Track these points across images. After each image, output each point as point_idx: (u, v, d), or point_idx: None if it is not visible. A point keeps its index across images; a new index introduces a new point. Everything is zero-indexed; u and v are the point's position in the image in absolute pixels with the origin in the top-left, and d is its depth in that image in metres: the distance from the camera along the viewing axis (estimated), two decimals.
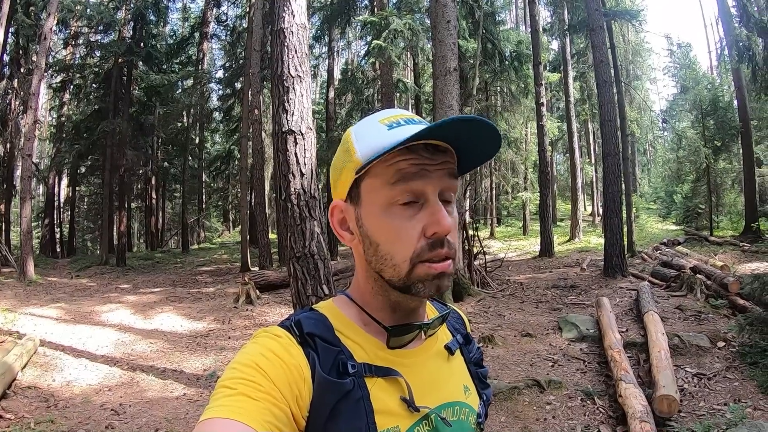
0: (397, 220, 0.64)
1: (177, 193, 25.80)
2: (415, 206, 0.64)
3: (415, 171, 0.63)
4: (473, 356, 0.83)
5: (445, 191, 0.65)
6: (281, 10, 4.05)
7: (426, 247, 0.63)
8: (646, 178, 34.19)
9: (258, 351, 0.61)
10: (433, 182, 0.64)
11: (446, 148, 0.65)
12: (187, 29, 23.60)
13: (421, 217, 0.63)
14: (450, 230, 0.64)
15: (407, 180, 0.63)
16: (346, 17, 16.27)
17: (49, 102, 25.14)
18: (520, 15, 29.44)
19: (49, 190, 22.23)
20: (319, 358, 0.63)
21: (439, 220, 0.63)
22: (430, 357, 0.73)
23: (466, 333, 0.85)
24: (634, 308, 6.83)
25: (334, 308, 0.72)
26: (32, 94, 13.26)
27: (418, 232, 0.63)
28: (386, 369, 0.66)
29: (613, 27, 13.19)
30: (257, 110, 13.66)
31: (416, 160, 0.63)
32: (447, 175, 0.65)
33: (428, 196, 0.64)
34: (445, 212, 0.63)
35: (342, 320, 0.69)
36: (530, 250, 16.25)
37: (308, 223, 3.81)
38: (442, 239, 0.63)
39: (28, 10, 16.18)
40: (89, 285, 12.41)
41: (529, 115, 18.74)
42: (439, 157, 0.64)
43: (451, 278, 0.66)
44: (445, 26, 7.74)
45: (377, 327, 0.69)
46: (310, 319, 0.67)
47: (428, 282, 0.63)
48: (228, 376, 0.58)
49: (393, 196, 0.64)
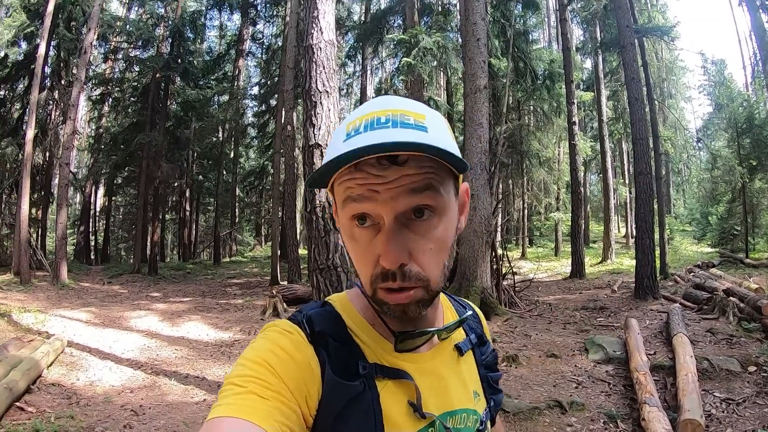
0: (356, 241, 0.60)
1: (210, 206, 26.26)
2: (375, 227, 0.59)
3: (361, 193, 0.57)
4: (486, 358, 0.80)
5: (409, 208, 0.58)
6: (310, 26, 4.15)
7: (380, 275, 0.59)
8: (681, 198, 33.36)
9: (268, 347, 0.60)
10: (386, 204, 0.57)
11: (408, 157, 0.56)
12: (223, 46, 24.25)
13: (376, 242, 0.58)
14: (398, 262, 0.57)
15: (355, 202, 0.58)
16: (378, 36, 16.51)
17: (88, 114, 26.04)
18: (553, 34, 29.30)
19: (86, 199, 22.93)
20: (329, 357, 0.61)
21: (385, 252, 0.57)
22: (442, 361, 0.70)
23: (481, 333, 0.82)
24: (664, 331, 6.63)
25: (347, 302, 0.69)
26: (72, 105, 13.86)
27: (375, 257, 0.58)
28: (397, 371, 0.64)
29: (645, 44, 13.00)
30: (290, 126, 13.86)
31: (362, 180, 0.57)
32: (407, 192, 0.56)
33: (383, 220, 0.58)
34: (394, 243, 0.57)
35: (354, 316, 0.67)
36: (561, 271, 15.97)
37: (332, 236, 3.85)
38: (392, 272, 0.57)
39: (69, 25, 16.95)
40: (120, 292, 12.73)
41: (562, 135, 18.55)
42: (392, 173, 0.56)
43: (419, 305, 0.60)
44: (475, 44, 7.79)
45: (386, 327, 0.66)
46: (321, 316, 0.66)
47: (391, 306, 0.59)
48: (237, 372, 0.57)
49: (348, 216, 0.60)
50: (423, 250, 0.59)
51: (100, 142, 21.64)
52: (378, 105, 0.60)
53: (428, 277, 0.59)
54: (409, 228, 0.58)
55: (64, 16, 16.51)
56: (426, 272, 0.59)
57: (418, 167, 0.57)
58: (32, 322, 7.78)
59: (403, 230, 0.58)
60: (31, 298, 10.53)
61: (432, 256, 0.60)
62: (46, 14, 13.87)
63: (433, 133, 0.57)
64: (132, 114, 20.16)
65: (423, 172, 0.57)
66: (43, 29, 13.91)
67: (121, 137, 19.44)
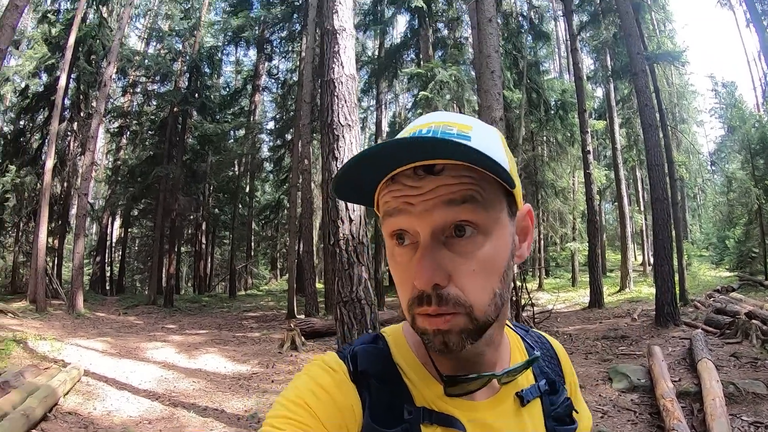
0: (396, 262, 0.56)
1: (226, 239, 26.37)
2: (414, 246, 0.54)
3: (396, 206, 0.53)
4: (556, 410, 0.67)
5: (447, 223, 0.52)
6: (331, 61, 4.26)
7: (415, 299, 0.53)
8: (697, 223, 32.98)
9: (309, 387, 0.56)
10: (421, 218, 0.52)
11: (444, 166, 0.52)
12: (239, 81, 24.69)
13: (413, 262, 0.53)
14: (432, 282, 0.51)
15: (391, 216, 0.54)
16: (393, 70, 16.78)
17: (106, 146, 26.54)
18: (564, 64, 29.53)
19: (103, 230, 23.20)
20: (370, 400, 0.56)
21: (417, 269, 0.51)
22: (502, 412, 0.61)
23: (554, 379, 0.70)
24: (687, 357, 6.53)
25: (401, 336, 0.64)
26: (91, 137, 14.18)
27: (412, 279, 0.53)
28: (447, 417, 0.57)
29: (656, 70, 13.09)
30: (307, 160, 14.00)
31: (398, 192, 0.53)
32: (443, 204, 0.51)
33: (419, 236, 0.53)
34: (428, 260, 0.51)
35: (404, 353, 0.61)
36: (579, 301, 15.76)
37: (356, 269, 3.87)
38: (428, 294, 0.51)
39: (89, 58, 17.41)
40: (136, 322, 12.76)
41: (576, 164, 18.52)
42: (428, 184, 0.52)
43: (462, 336, 0.53)
44: (490, 76, 7.89)
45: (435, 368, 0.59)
46: (368, 352, 0.60)
47: (431, 336, 0.53)
48: (275, 413, 0.54)
49: (387, 234, 0.56)
50: (464, 271, 0.52)
51: (117, 173, 22.00)
52: (425, 119, 0.57)
53: (471, 303, 0.52)
54: (448, 247, 0.53)
55: (84, 50, 16.98)
56: (468, 297, 0.52)
57: (455, 177, 0.51)
58: (48, 349, 7.81)
59: (441, 249, 0.52)
60: (47, 326, 10.58)
61: (476, 280, 0.52)
62: (67, 47, 14.28)
63: (477, 142, 0.52)
64: (149, 147, 20.55)
65: (460, 182, 0.52)
66: (64, 62, 14.29)
67: (139, 170, 19.76)
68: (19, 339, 8.21)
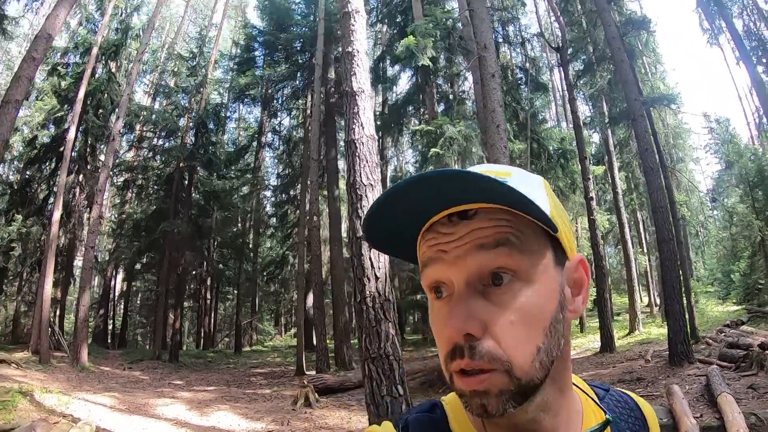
0: (433, 316, 0.52)
1: (230, 295, 26.14)
2: (451, 298, 0.50)
3: (430, 255, 0.51)
4: None
5: (483, 270, 0.48)
6: (351, 122, 4.45)
7: (449, 353, 0.48)
8: (701, 260, 32.96)
9: None
10: (454, 265, 0.49)
11: (477, 210, 0.49)
12: (245, 137, 24.93)
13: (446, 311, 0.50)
14: (463, 331, 0.47)
15: (426, 267, 0.52)
16: (398, 127, 17.07)
17: (111, 199, 26.65)
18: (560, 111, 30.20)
19: (106, 282, 23.03)
20: None
21: (448, 319, 0.48)
22: None
23: None
24: (705, 393, 6.51)
25: (458, 404, 0.56)
26: (98, 190, 14.36)
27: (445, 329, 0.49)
28: None
29: (652, 114, 13.42)
30: (316, 217, 14.01)
31: (433, 241, 0.51)
32: (476, 249, 0.48)
33: (454, 286, 0.49)
34: (460, 308, 0.48)
35: (462, 421, 0.56)
36: (590, 347, 15.62)
37: (383, 325, 3.94)
38: (460, 345, 0.47)
39: (97, 112, 17.72)
40: (141, 378, 12.57)
41: (578, 211, 18.70)
42: (461, 229, 0.49)
43: (502, 399, 0.47)
44: (495, 130, 8.12)
45: None
46: (421, 422, 0.56)
47: (468, 398, 0.48)
48: None
49: (426, 288, 0.53)
50: (501, 322, 0.47)
51: (122, 227, 21.95)
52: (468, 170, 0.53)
53: (509, 359, 0.47)
54: (486, 297, 0.48)
55: (93, 103, 17.26)
56: (505, 351, 0.47)
57: (490, 219, 0.49)
58: (55, 403, 7.67)
59: (478, 298, 0.48)
60: (51, 378, 10.41)
61: (515, 332, 0.47)
62: (76, 100, 14.61)
63: (514, 184, 0.47)
64: (155, 201, 20.60)
65: (495, 225, 0.48)
66: (74, 115, 14.60)
67: (144, 224, 19.74)
68: (24, 391, 8.02)
